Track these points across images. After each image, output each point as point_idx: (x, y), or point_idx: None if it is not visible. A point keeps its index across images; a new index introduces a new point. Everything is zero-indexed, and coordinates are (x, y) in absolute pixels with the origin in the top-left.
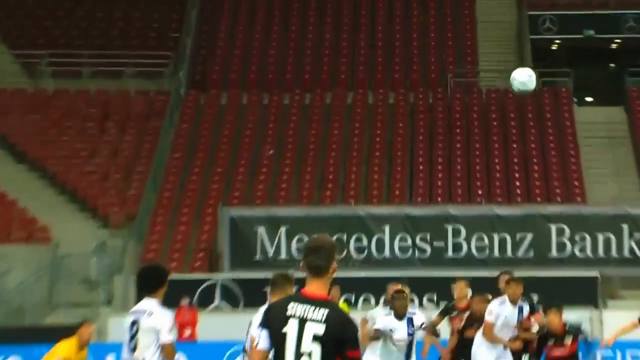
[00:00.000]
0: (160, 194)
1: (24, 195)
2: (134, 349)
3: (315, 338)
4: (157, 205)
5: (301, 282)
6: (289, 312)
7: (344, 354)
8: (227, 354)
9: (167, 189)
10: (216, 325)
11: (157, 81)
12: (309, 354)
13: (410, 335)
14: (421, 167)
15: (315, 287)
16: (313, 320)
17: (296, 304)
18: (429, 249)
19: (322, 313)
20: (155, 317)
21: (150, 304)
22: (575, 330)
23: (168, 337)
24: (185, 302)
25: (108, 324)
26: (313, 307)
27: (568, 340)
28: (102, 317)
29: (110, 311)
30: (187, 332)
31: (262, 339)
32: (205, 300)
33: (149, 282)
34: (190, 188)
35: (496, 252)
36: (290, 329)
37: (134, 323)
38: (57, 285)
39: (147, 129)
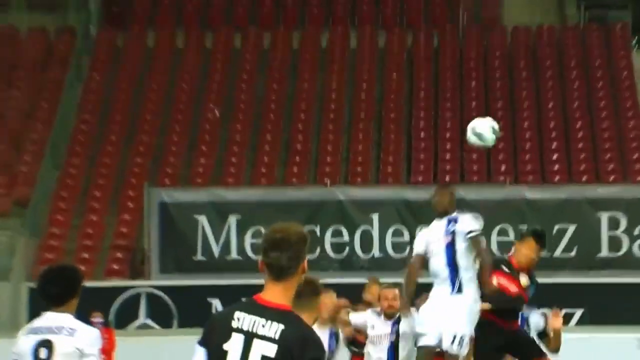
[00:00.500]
0: (63, 171)
1: None
2: None
3: None
4: (59, 186)
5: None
6: (234, 324)
7: None
8: None
9: (73, 164)
10: (141, 350)
11: (57, 15)
12: None
13: (450, 235)
14: (422, 134)
15: (274, 293)
16: (263, 338)
17: (244, 314)
18: None
19: (275, 329)
20: (80, 336)
21: (63, 319)
22: (536, 283)
23: None
24: (97, 319)
25: None
26: (265, 320)
27: (523, 279)
28: None
29: None
30: None
31: (197, 358)
32: (125, 317)
33: (57, 289)
34: (105, 163)
35: None
36: (233, 347)
37: (42, 344)
38: None
39: (44, 82)
